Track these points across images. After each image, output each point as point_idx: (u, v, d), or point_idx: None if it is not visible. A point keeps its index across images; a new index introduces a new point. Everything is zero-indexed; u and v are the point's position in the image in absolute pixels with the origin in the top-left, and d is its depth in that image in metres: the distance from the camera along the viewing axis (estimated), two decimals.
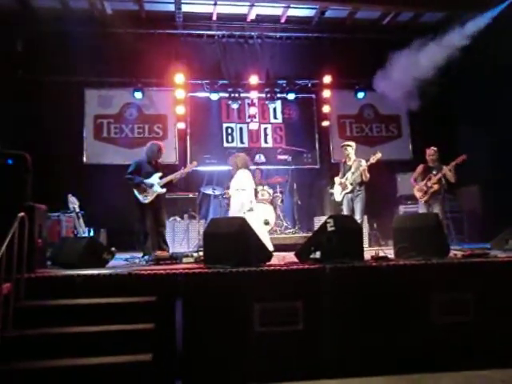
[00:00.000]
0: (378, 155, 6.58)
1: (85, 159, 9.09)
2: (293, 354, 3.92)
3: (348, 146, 6.96)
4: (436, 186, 6.50)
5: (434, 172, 6.57)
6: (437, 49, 7.35)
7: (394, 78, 7.69)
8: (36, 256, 4.15)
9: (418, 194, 6.72)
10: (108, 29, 8.63)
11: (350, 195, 6.74)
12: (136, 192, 5.93)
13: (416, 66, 7.42)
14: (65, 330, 3.57)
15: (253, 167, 9.20)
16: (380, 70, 8.00)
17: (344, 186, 6.80)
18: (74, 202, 7.02)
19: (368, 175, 6.60)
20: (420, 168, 6.81)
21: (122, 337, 3.56)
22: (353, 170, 6.70)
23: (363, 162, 6.62)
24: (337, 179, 7.00)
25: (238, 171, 6.32)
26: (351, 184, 6.69)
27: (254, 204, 6.22)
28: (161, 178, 6.03)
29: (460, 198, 8.61)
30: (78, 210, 7.15)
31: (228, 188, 6.84)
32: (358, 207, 6.64)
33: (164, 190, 6.04)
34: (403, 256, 4.57)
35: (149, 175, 6.01)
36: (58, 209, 7.07)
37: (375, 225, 8.28)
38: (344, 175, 6.85)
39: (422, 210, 6.70)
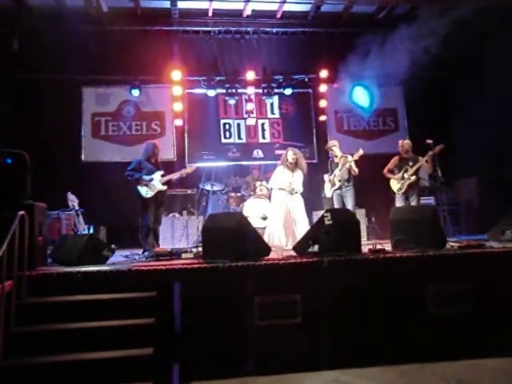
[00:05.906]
0: (360, 152, 6.61)
1: (83, 157, 9.11)
2: (291, 346, 3.97)
3: (333, 146, 7.07)
4: (413, 178, 6.45)
5: (411, 163, 6.52)
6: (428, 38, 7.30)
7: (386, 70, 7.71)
8: (37, 254, 4.20)
9: (395, 186, 6.64)
10: (104, 26, 8.64)
11: (338, 191, 6.80)
12: (138, 187, 6.01)
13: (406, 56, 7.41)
14: (66, 326, 3.61)
15: (250, 163, 9.28)
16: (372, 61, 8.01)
17: (333, 183, 6.87)
18: (73, 200, 7.06)
19: (356, 170, 6.65)
20: (395, 160, 6.76)
21: (124, 331, 3.61)
22: (339, 166, 6.77)
23: (349, 158, 6.65)
24: (326, 177, 7.09)
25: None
26: (339, 181, 6.75)
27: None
28: (162, 176, 6.14)
29: (457, 190, 8.67)
30: (77, 207, 7.19)
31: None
32: (349, 202, 6.69)
33: (165, 187, 6.16)
34: (400, 248, 4.62)
35: (150, 172, 6.11)
36: (57, 207, 7.10)
37: (373, 218, 8.33)
38: (332, 172, 6.93)
39: (398, 202, 6.59)
